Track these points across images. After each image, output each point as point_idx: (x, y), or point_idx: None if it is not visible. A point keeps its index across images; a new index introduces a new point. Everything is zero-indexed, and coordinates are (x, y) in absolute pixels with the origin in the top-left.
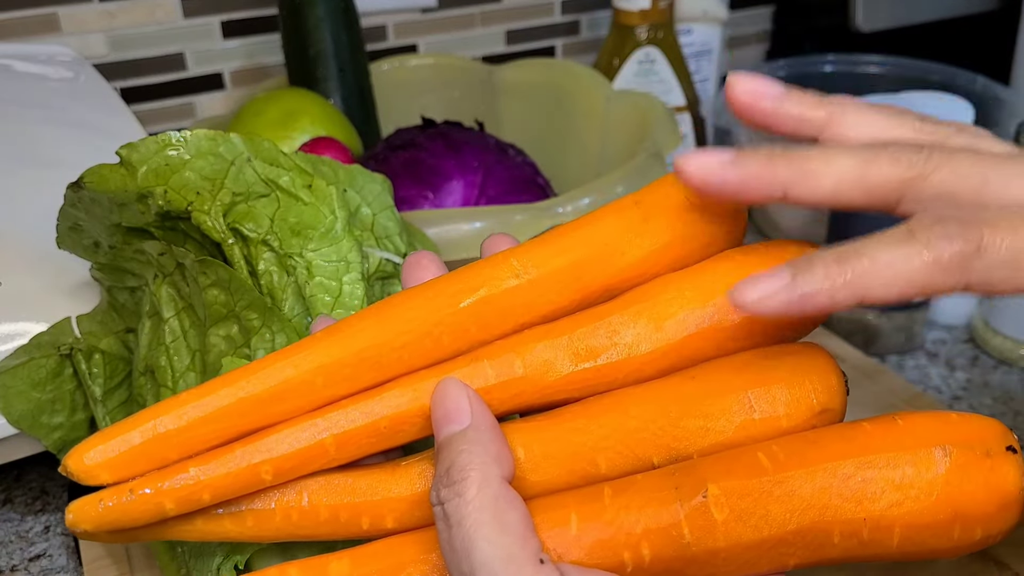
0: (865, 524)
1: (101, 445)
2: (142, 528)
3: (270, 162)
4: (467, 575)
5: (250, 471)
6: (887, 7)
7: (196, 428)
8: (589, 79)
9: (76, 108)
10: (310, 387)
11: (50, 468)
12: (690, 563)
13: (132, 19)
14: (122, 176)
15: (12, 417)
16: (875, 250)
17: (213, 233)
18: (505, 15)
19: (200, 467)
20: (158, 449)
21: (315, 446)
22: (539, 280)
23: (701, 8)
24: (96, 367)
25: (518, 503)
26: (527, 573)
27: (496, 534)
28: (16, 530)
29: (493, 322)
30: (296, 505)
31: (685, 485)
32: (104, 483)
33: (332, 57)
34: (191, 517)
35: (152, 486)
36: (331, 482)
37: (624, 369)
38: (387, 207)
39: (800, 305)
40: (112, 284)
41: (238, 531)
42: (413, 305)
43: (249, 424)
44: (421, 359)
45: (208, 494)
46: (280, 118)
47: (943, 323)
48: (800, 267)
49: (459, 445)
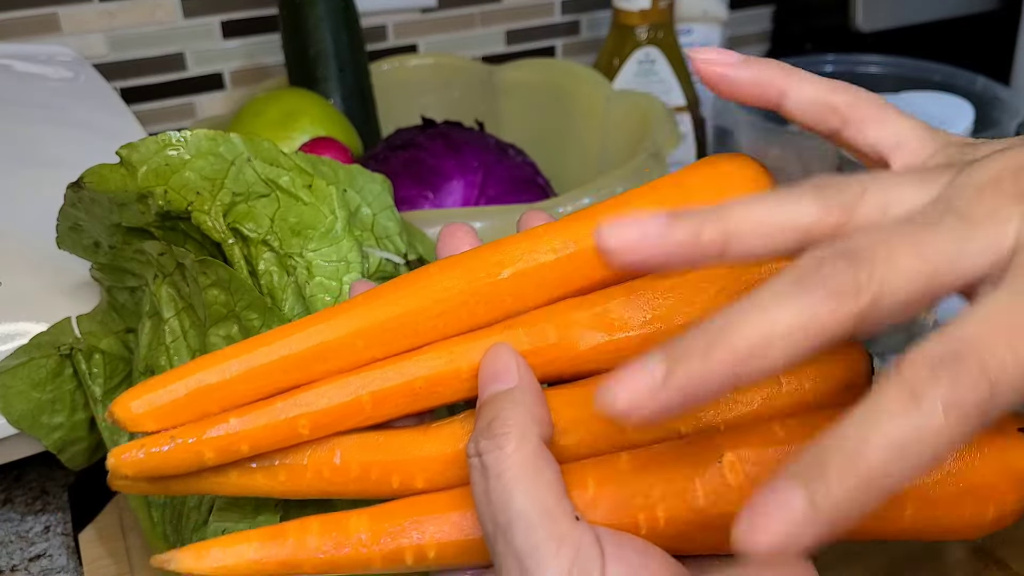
0: None
1: (147, 394)
2: (179, 478)
3: (270, 162)
4: (502, 526)
5: (288, 424)
6: (887, 7)
7: (237, 383)
8: (589, 79)
9: (76, 108)
10: (349, 349)
11: (50, 468)
12: (704, 528)
13: (132, 19)
14: (122, 176)
15: (12, 417)
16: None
17: (213, 233)
18: (505, 15)
19: (240, 418)
20: (200, 401)
21: (352, 403)
22: (576, 255)
23: (701, 8)
24: (96, 367)
25: (554, 464)
26: (564, 527)
27: (534, 488)
28: (16, 530)
29: (528, 294)
30: (328, 461)
31: (701, 452)
32: (147, 431)
33: (332, 57)
34: (226, 470)
35: (194, 435)
36: (364, 440)
37: (657, 342)
38: (387, 207)
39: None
40: (112, 284)
41: (270, 485)
42: (452, 275)
43: (288, 381)
44: (456, 327)
45: (247, 445)
46: (280, 118)
47: (943, 323)
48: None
49: (503, 403)
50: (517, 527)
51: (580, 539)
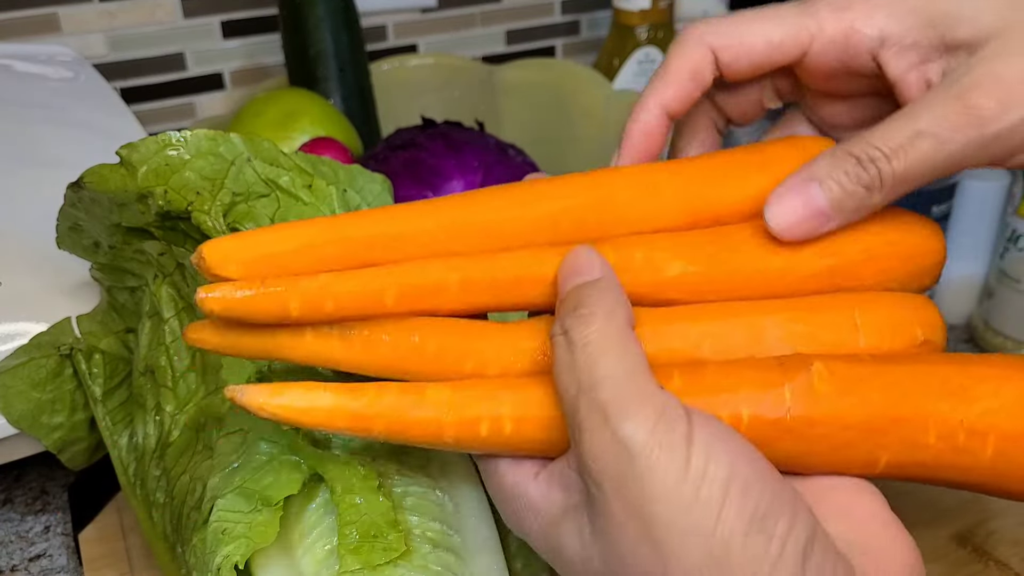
0: (962, 426)
1: (238, 241)
2: (256, 331)
3: (270, 162)
4: (586, 386)
5: (375, 291)
6: None
7: (326, 247)
8: (589, 79)
9: (76, 108)
10: (435, 239)
11: (50, 468)
12: (786, 433)
13: (132, 19)
14: (122, 176)
15: (12, 417)
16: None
17: (213, 233)
18: (505, 15)
19: (329, 275)
20: (288, 259)
21: (440, 282)
22: (659, 194)
23: (701, 8)
24: (96, 367)
25: (640, 345)
26: (651, 389)
27: (621, 355)
28: (16, 530)
29: (612, 221)
30: (406, 338)
31: (790, 363)
32: (232, 276)
33: (332, 57)
34: (302, 331)
35: (284, 284)
36: (443, 324)
37: (736, 281)
38: None
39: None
40: (112, 284)
41: (344, 354)
42: (540, 189)
43: (375, 259)
44: (540, 239)
45: (332, 303)
46: (280, 118)
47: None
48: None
49: (589, 289)
50: (603, 385)
51: (666, 401)
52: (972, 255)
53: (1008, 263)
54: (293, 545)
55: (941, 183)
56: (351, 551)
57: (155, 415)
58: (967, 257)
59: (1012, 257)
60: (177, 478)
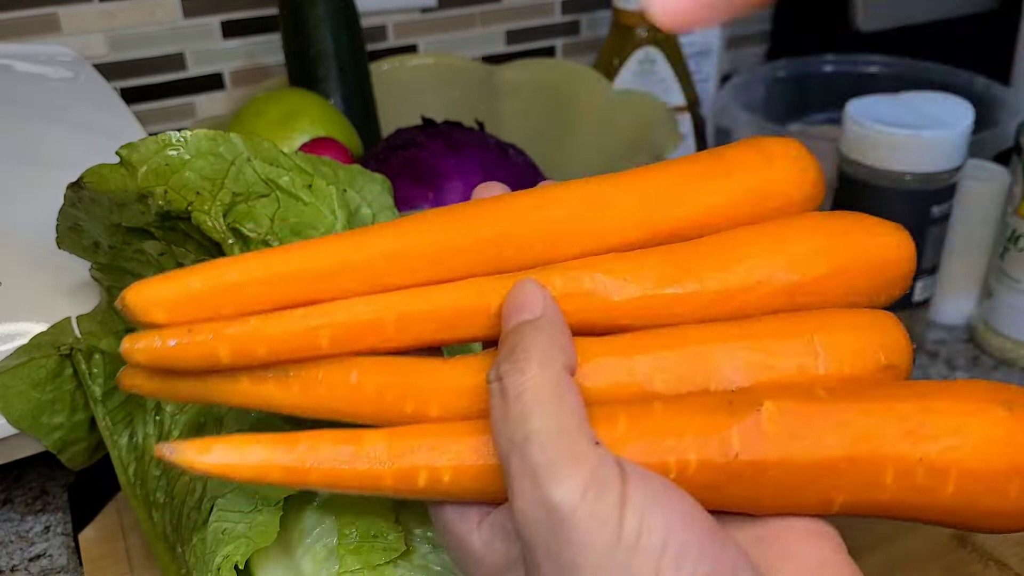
0: (921, 464)
1: (162, 284)
2: (188, 378)
3: (270, 162)
4: (518, 443)
5: (309, 333)
6: (887, 7)
7: (255, 286)
8: (589, 79)
9: (76, 108)
10: (371, 271)
11: (50, 468)
12: (735, 478)
13: (132, 19)
14: (122, 176)
15: (12, 417)
16: None
17: (213, 233)
18: (505, 15)
19: (260, 319)
20: (216, 299)
21: (376, 321)
22: (611, 210)
23: None
24: (96, 367)
25: (576, 392)
26: (583, 448)
27: (554, 410)
28: (16, 530)
29: (559, 243)
30: (343, 379)
31: (739, 401)
32: (158, 322)
33: (332, 57)
34: (237, 376)
35: (211, 331)
36: (382, 363)
37: (691, 304)
38: (387, 207)
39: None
40: (112, 284)
41: (281, 397)
42: (481, 211)
43: (309, 295)
44: (482, 267)
45: (264, 348)
46: (280, 118)
47: (943, 323)
48: None
49: (527, 331)
50: (533, 443)
51: (600, 460)
52: (972, 255)
53: (1008, 263)
54: (293, 545)
55: (941, 183)
56: (351, 551)
57: (155, 415)
58: (967, 257)
59: (1012, 257)
60: (177, 478)
